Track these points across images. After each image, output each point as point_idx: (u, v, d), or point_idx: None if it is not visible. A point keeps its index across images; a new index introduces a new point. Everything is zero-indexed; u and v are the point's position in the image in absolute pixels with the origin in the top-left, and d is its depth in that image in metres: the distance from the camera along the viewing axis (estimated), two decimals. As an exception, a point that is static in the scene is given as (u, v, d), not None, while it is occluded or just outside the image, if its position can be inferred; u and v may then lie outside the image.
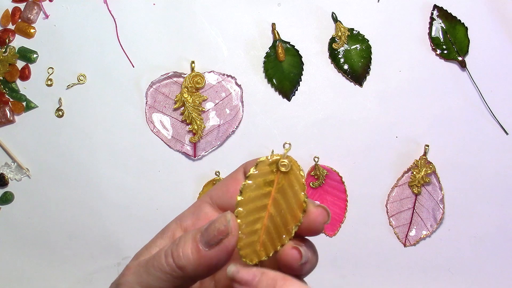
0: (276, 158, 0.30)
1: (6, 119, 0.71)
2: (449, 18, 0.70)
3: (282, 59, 0.70)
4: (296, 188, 0.30)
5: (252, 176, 0.30)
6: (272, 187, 0.30)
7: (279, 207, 0.30)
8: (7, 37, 0.71)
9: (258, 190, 0.30)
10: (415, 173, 0.69)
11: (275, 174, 0.30)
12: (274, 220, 0.30)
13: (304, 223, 0.30)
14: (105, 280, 0.71)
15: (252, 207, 0.30)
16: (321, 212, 0.30)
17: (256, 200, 0.30)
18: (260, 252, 0.30)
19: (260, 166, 0.30)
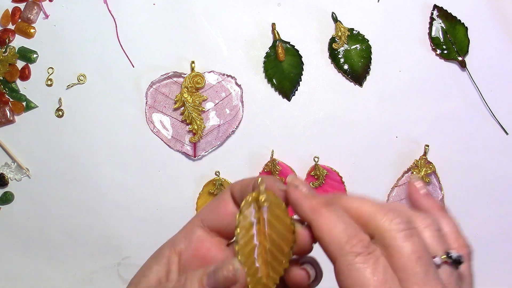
0: (254, 197, 0.32)
1: (6, 119, 0.71)
2: (449, 18, 0.70)
3: (282, 59, 0.70)
4: (281, 216, 0.31)
5: (240, 222, 0.32)
6: (260, 224, 0.32)
7: (272, 239, 0.32)
8: (7, 37, 0.71)
9: (249, 232, 0.32)
10: (415, 173, 0.69)
11: (259, 212, 0.32)
12: (271, 252, 0.32)
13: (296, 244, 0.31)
14: (105, 280, 0.71)
15: (250, 249, 0.32)
16: (308, 233, 0.31)
17: (251, 242, 0.32)
18: (268, 283, 0.32)
19: (243, 211, 0.32)
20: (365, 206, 0.29)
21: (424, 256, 0.27)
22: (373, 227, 0.28)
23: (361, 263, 0.27)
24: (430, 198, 0.34)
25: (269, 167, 0.69)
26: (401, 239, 0.27)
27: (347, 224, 0.28)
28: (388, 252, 0.27)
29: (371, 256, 0.27)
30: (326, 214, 0.29)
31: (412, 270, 0.27)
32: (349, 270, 0.27)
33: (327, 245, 0.28)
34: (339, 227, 0.28)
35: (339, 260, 0.27)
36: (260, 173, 0.70)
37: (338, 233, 0.28)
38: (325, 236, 0.28)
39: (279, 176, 0.69)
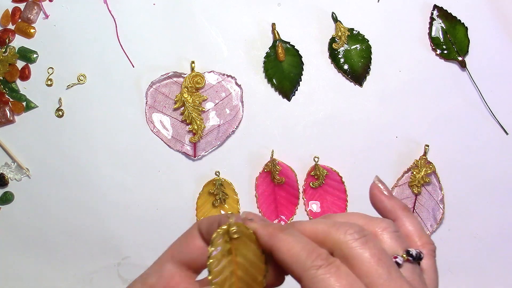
0: (225, 229, 0.33)
1: (6, 119, 0.71)
2: (449, 18, 0.70)
3: (282, 59, 0.70)
4: (252, 246, 0.33)
5: (212, 253, 0.34)
6: (232, 254, 0.33)
7: (244, 268, 0.33)
8: (7, 37, 0.71)
9: (221, 263, 0.34)
10: (415, 173, 0.69)
11: (230, 243, 0.33)
12: (245, 281, 0.33)
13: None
14: (105, 280, 0.71)
15: (222, 279, 0.33)
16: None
17: (223, 271, 0.34)
18: None
19: (214, 242, 0.33)
20: (319, 226, 0.31)
21: (383, 257, 0.28)
22: (330, 243, 0.30)
23: (324, 274, 0.27)
24: (393, 198, 0.36)
25: (269, 167, 0.69)
26: (358, 247, 0.28)
27: (304, 243, 0.29)
28: (349, 263, 0.28)
29: (332, 265, 0.28)
30: (284, 237, 0.30)
31: (376, 273, 0.28)
32: (314, 283, 0.28)
33: (290, 265, 0.29)
34: (297, 246, 0.29)
35: (303, 277, 0.28)
36: (260, 173, 0.70)
37: (297, 252, 0.29)
38: (286, 257, 0.29)
39: (279, 176, 0.69)
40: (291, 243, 0.29)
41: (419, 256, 0.30)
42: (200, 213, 0.70)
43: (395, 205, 0.35)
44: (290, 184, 0.70)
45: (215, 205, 0.70)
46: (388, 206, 0.35)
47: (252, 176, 0.70)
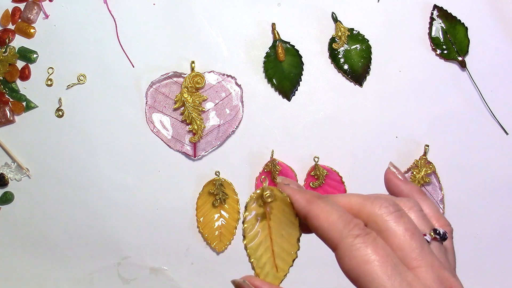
0: (259, 194, 0.34)
1: (6, 119, 0.71)
2: (449, 18, 0.70)
3: (282, 59, 0.70)
4: (286, 210, 0.33)
5: (246, 218, 0.34)
6: (266, 218, 0.34)
7: (279, 232, 0.34)
8: (7, 37, 0.71)
9: (255, 227, 0.34)
10: (415, 173, 0.69)
11: (264, 207, 0.34)
12: (279, 243, 0.34)
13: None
14: (105, 280, 0.71)
15: (257, 243, 0.34)
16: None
17: (258, 235, 0.34)
18: (280, 274, 0.34)
19: (249, 207, 0.34)
20: (353, 198, 0.31)
21: (416, 233, 0.29)
22: (364, 216, 0.30)
23: (361, 243, 0.28)
24: (408, 182, 0.36)
25: (269, 167, 0.69)
26: (392, 221, 0.29)
27: (341, 212, 0.30)
28: (382, 235, 0.29)
29: (369, 236, 0.29)
30: (322, 204, 0.31)
31: (409, 247, 0.28)
32: (351, 251, 0.28)
33: (327, 232, 0.30)
34: (335, 215, 0.30)
35: (340, 244, 0.29)
36: (260, 173, 0.70)
37: (335, 220, 0.29)
38: (323, 224, 0.30)
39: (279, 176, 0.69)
40: (329, 210, 0.30)
41: (445, 236, 0.31)
42: (200, 213, 0.70)
43: (412, 188, 0.36)
44: (290, 184, 0.70)
45: (215, 205, 0.70)
46: (404, 190, 0.36)
47: (252, 176, 0.70)
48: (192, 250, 0.71)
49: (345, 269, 0.29)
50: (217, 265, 0.71)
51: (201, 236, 0.70)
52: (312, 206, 0.31)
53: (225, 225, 0.70)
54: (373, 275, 0.27)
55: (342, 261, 0.29)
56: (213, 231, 0.70)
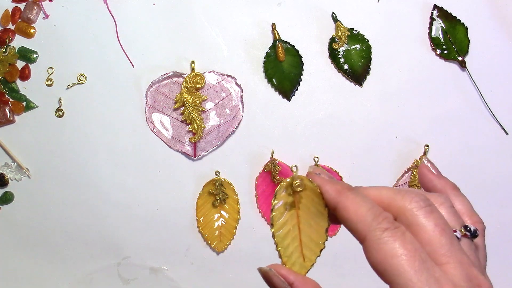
0: (289, 182, 0.34)
1: (6, 119, 0.71)
2: (449, 18, 0.70)
3: (282, 59, 0.70)
4: (315, 200, 0.33)
5: (275, 206, 0.34)
6: (295, 207, 0.34)
7: (307, 221, 0.34)
8: (7, 37, 0.71)
9: (284, 215, 0.34)
10: (415, 173, 0.69)
11: (293, 196, 0.34)
12: (307, 233, 0.34)
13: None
14: (105, 280, 0.71)
15: (285, 231, 0.34)
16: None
17: (286, 224, 0.34)
18: (307, 264, 0.34)
19: (278, 195, 0.34)
20: (383, 191, 0.31)
21: (447, 229, 0.29)
22: (394, 209, 0.30)
23: (389, 237, 0.28)
24: (442, 177, 0.36)
25: (269, 167, 0.69)
26: (422, 216, 0.29)
27: (371, 205, 0.30)
28: (412, 230, 0.29)
29: (398, 230, 0.28)
30: (351, 196, 0.30)
31: (439, 243, 0.28)
32: (379, 244, 0.28)
33: (355, 224, 0.30)
34: (364, 207, 0.30)
35: (368, 237, 0.29)
36: (260, 173, 0.70)
37: (364, 212, 0.29)
38: (352, 216, 0.30)
39: (279, 176, 0.69)
40: (359, 202, 0.30)
41: (475, 233, 0.31)
42: (200, 213, 0.70)
43: (445, 184, 0.35)
44: (290, 184, 0.70)
45: (215, 205, 0.70)
46: (438, 185, 0.36)
47: (252, 176, 0.70)
48: (192, 250, 0.71)
49: (372, 262, 0.29)
50: (217, 265, 0.71)
51: (201, 236, 0.70)
52: (342, 197, 0.31)
53: (225, 225, 0.70)
54: (400, 269, 0.27)
55: (369, 254, 0.29)
56: (213, 231, 0.70)
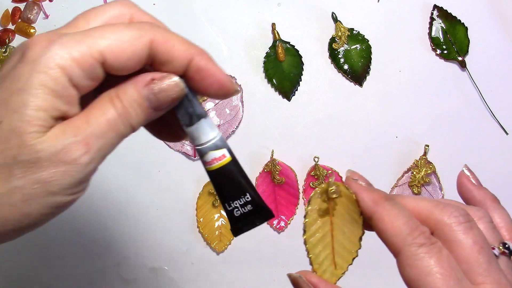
0: (324, 188, 0.33)
1: (6, 119, 0.70)
2: (449, 18, 0.70)
3: (282, 59, 0.70)
4: (351, 207, 0.32)
5: (309, 212, 0.34)
6: (329, 214, 0.33)
7: (341, 229, 0.33)
8: (7, 37, 0.71)
9: (317, 222, 0.33)
10: (415, 173, 0.69)
11: (328, 203, 0.33)
12: (340, 241, 0.33)
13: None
14: (105, 280, 0.71)
15: (318, 238, 0.33)
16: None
17: (319, 231, 0.33)
18: (338, 272, 0.33)
19: (312, 201, 0.33)
20: (422, 203, 0.30)
21: (485, 247, 0.28)
22: (432, 223, 0.29)
23: (425, 253, 0.27)
24: (482, 188, 0.35)
25: (269, 167, 0.69)
26: (461, 232, 0.28)
27: (408, 217, 0.29)
28: (449, 246, 0.28)
29: (434, 246, 0.27)
30: (388, 207, 0.29)
31: (476, 261, 0.27)
32: (414, 260, 0.27)
33: (390, 237, 0.29)
34: (401, 220, 0.29)
35: (403, 251, 0.28)
36: (260, 173, 0.70)
37: (400, 225, 0.28)
38: (388, 228, 0.29)
39: (279, 176, 0.69)
40: (396, 215, 0.29)
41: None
42: (200, 213, 0.70)
43: (485, 195, 0.34)
44: (290, 184, 0.70)
45: (215, 205, 0.70)
46: (477, 196, 0.34)
47: (252, 176, 0.70)
48: (192, 250, 0.70)
49: (405, 278, 0.28)
50: (217, 265, 0.71)
51: (201, 236, 0.70)
52: (379, 207, 0.30)
53: (225, 225, 0.70)
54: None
55: (403, 269, 0.28)
56: (213, 231, 0.70)
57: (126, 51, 0.29)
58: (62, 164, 0.27)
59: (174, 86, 0.30)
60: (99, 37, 0.28)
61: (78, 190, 0.29)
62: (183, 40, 0.31)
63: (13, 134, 0.26)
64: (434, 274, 0.26)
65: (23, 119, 0.26)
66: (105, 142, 0.30)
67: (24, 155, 0.26)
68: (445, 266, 0.26)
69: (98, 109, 0.29)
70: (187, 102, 0.32)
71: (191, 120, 0.32)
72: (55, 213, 0.29)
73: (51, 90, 0.27)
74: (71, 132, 0.27)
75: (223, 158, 0.32)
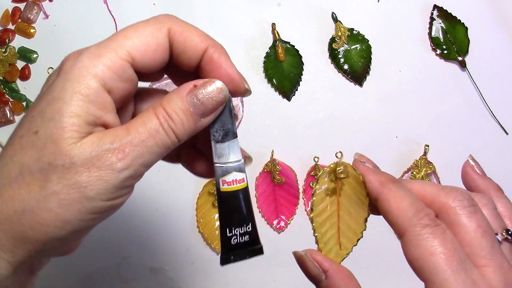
0: (332, 168, 0.33)
1: (6, 119, 0.71)
2: (449, 18, 0.70)
3: (282, 59, 0.70)
4: (358, 188, 0.33)
5: (316, 191, 0.34)
6: (336, 194, 0.33)
7: (347, 209, 0.33)
8: (7, 37, 0.71)
9: (324, 201, 0.33)
10: (415, 173, 0.69)
11: (336, 182, 0.33)
12: (346, 221, 0.33)
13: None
14: (105, 280, 0.71)
15: (324, 217, 0.33)
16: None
17: (326, 210, 0.33)
18: (342, 252, 0.34)
19: (320, 180, 0.33)
20: (427, 187, 0.31)
21: (488, 231, 0.28)
22: (437, 206, 0.30)
23: (429, 234, 0.27)
24: (486, 178, 0.36)
25: (269, 167, 0.69)
26: (465, 216, 0.28)
27: (413, 199, 0.29)
28: (453, 229, 0.28)
29: (439, 228, 0.28)
30: (394, 189, 0.30)
31: (479, 245, 0.27)
32: (418, 240, 0.27)
33: (396, 218, 0.29)
34: (406, 201, 0.29)
35: (407, 232, 0.28)
36: (260, 173, 0.70)
37: (406, 207, 0.29)
38: (393, 209, 0.29)
39: (279, 176, 0.69)
40: (401, 196, 0.29)
41: None
42: (200, 213, 0.70)
43: (489, 184, 0.35)
44: (290, 184, 0.70)
45: (215, 205, 0.70)
46: (481, 185, 0.35)
47: (252, 176, 0.70)
48: (192, 250, 0.70)
49: (409, 258, 0.28)
50: (217, 265, 0.71)
51: (201, 236, 0.70)
52: (385, 189, 0.30)
53: (225, 225, 0.70)
54: (438, 267, 0.26)
55: (407, 249, 0.28)
56: (213, 231, 0.70)
57: (150, 44, 0.29)
58: (96, 170, 0.27)
59: (218, 91, 0.31)
60: (122, 38, 0.29)
61: (116, 196, 0.29)
62: (200, 31, 0.32)
63: (49, 141, 0.27)
64: (438, 254, 0.27)
65: (58, 126, 0.27)
66: (144, 151, 0.29)
67: (59, 160, 0.27)
68: (449, 247, 0.27)
69: (140, 119, 0.29)
70: (226, 117, 0.32)
71: (225, 136, 0.32)
72: (96, 220, 0.29)
73: (84, 96, 0.27)
74: (108, 140, 0.28)
75: (242, 182, 0.32)
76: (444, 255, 0.27)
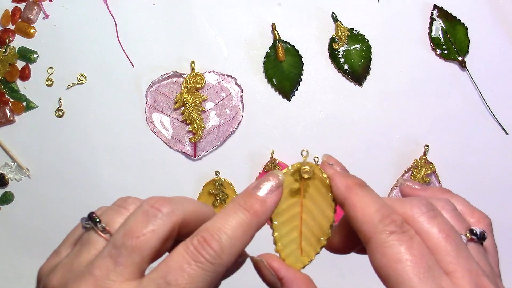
0: (297, 167, 0.31)
1: (6, 119, 0.71)
2: (449, 18, 0.70)
3: (282, 59, 0.70)
4: (323, 191, 0.31)
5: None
6: (300, 195, 0.31)
7: (311, 212, 0.31)
8: (7, 37, 0.71)
9: (287, 201, 0.31)
10: (415, 173, 0.69)
11: (300, 182, 0.31)
12: (309, 225, 0.31)
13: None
14: (105, 280, 0.71)
15: (286, 218, 0.31)
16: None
17: (288, 210, 0.31)
18: (304, 258, 0.31)
19: (283, 178, 0.31)
20: (384, 201, 0.29)
21: (452, 234, 0.27)
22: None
23: (395, 240, 0.26)
24: (428, 188, 0.34)
25: (269, 167, 0.69)
26: (425, 222, 0.27)
27: (380, 205, 0.28)
28: (420, 237, 0.27)
29: (406, 234, 0.27)
30: (361, 193, 0.29)
31: (444, 250, 0.26)
32: (384, 247, 0.26)
33: (361, 224, 0.28)
34: (373, 207, 0.28)
35: (373, 239, 0.27)
36: (260, 173, 0.70)
37: (372, 212, 0.28)
38: (358, 215, 0.28)
39: (279, 176, 0.69)
40: (368, 202, 0.28)
41: (483, 236, 0.29)
42: (200, 213, 0.70)
43: (435, 190, 0.33)
44: (290, 184, 0.70)
45: (215, 205, 0.70)
46: (429, 195, 0.33)
47: (252, 176, 0.70)
48: (192, 250, 0.70)
49: (375, 266, 0.27)
50: (217, 265, 0.71)
51: (201, 236, 0.70)
52: (351, 194, 0.29)
53: (225, 225, 0.70)
54: (404, 275, 0.25)
55: (373, 257, 0.27)
56: (213, 231, 0.70)
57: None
58: None
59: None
60: None
61: None
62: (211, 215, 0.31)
63: None
64: (405, 261, 0.25)
65: None
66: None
67: None
68: (416, 253, 0.26)
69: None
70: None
71: None
72: None
73: None
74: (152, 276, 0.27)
75: None
76: (410, 263, 0.25)
